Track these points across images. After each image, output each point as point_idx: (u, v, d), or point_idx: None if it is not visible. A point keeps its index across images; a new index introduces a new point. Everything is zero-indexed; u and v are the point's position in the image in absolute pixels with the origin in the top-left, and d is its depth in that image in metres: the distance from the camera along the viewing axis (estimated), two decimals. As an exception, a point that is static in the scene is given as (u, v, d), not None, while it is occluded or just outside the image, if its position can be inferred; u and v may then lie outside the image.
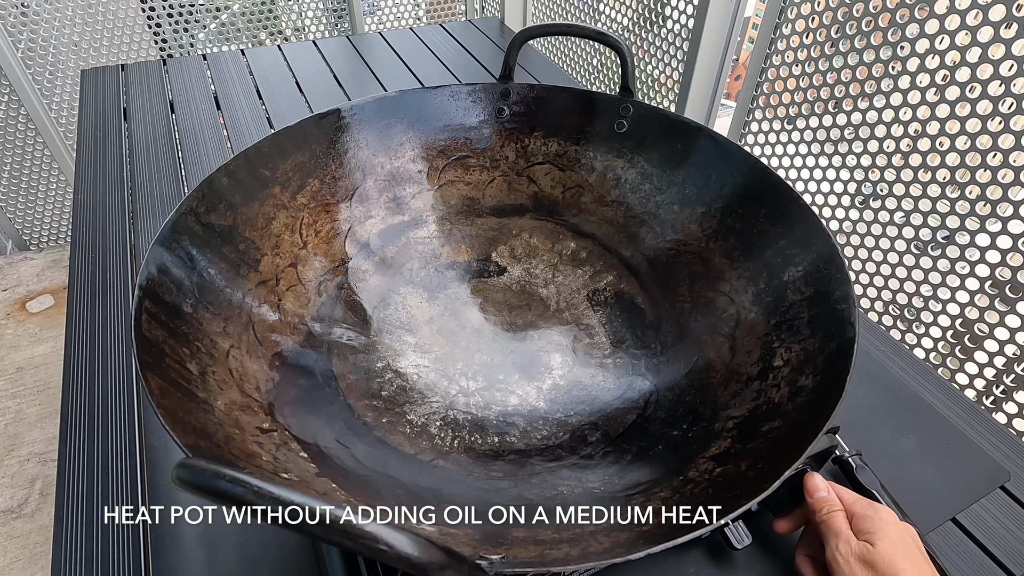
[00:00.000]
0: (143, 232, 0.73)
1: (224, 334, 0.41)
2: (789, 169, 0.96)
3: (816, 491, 0.38)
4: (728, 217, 0.51)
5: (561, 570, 0.31)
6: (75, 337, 0.60)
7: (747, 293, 0.47)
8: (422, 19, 1.83)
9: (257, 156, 0.49)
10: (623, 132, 0.57)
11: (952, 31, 0.69)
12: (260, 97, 1.03)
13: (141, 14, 1.50)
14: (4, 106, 1.45)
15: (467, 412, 0.46)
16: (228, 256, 0.44)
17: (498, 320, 0.54)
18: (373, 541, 0.18)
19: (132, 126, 0.94)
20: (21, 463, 1.20)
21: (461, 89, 0.58)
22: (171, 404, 0.31)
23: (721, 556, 0.43)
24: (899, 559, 0.33)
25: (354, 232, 0.55)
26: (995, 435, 0.52)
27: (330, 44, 1.22)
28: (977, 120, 0.69)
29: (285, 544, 0.43)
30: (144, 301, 0.35)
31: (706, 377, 0.46)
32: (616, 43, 0.54)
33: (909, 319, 0.82)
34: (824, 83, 0.86)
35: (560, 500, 0.38)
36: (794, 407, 0.37)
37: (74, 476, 0.48)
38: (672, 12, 1.07)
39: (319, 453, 0.38)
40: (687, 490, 0.36)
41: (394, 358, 0.49)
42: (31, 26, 1.40)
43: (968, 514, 0.46)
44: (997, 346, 0.72)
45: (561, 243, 0.59)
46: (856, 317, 0.38)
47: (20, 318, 1.51)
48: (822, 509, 0.37)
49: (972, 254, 0.73)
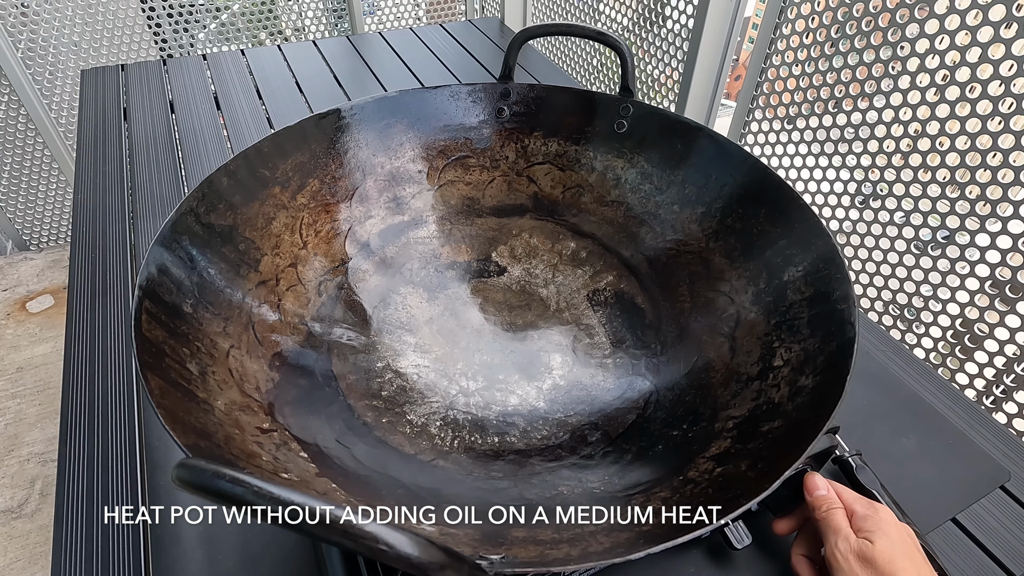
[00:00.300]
0: (143, 232, 0.73)
1: (224, 334, 0.41)
2: (789, 169, 0.96)
3: (816, 489, 0.38)
4: (728, 217, 0.51)
5: (561, 570, 0.31)
6: (75, 337, 0.60)
7: (747, 293, 0.47)
8: (422, 19, 1.83)
9: (257, 156, 0.49)
10: (623, 132, 0.57)
11: (952, 31, 0.69)
12: (260, 97, 1.03)
13: (141, 14, 1.50)
14: (4, 106, 1.45)
15: (467, 412, 0.46)
16: (228, 256, 0.44)
17: (498, 320, 0.54)
18: (373, 541, 0.18)
19: (132, 126, 0.94)
20: (21, 463, 1.20)
21: (461, 89, 0.58)
22: (171, 404, 0.31)
23: (721, 556, 0.43)
24: (899, 557, 0.33)
25: (354, 232, 0.55)
26: (995, 435, 0.52)
27: (330, 44, 1.22)
28: (977, 120, 0.69)
29: (285, 544, 0.43)
30: (144, 301, 0.35)
31: (706, 377, 0.46)
32: (616, 43, 0.54)
33: (909, 319, 0.82)
34: (824, 83, 0.86)
35: (560, 500, 0.38)
36: (794, 407, 0.37)
37: (74, 476, 0.48)
38: (672, 12, 1.07)
39: (319, 453, 0.38)
40: (687, 490, 0.36)
41: (394, 358, 0.49)
42: (31, 26, 1.40)
43: (968, 514, 0.46)
44: (997, 346, 0.72)
45: (561, 243, 0.59)
46: (856, 317, 0.38)
47: (20, 318, 1.51)
48: (822, 507, 0.37)
49: (972, 254, 0.73)
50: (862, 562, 0.34)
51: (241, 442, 0.34)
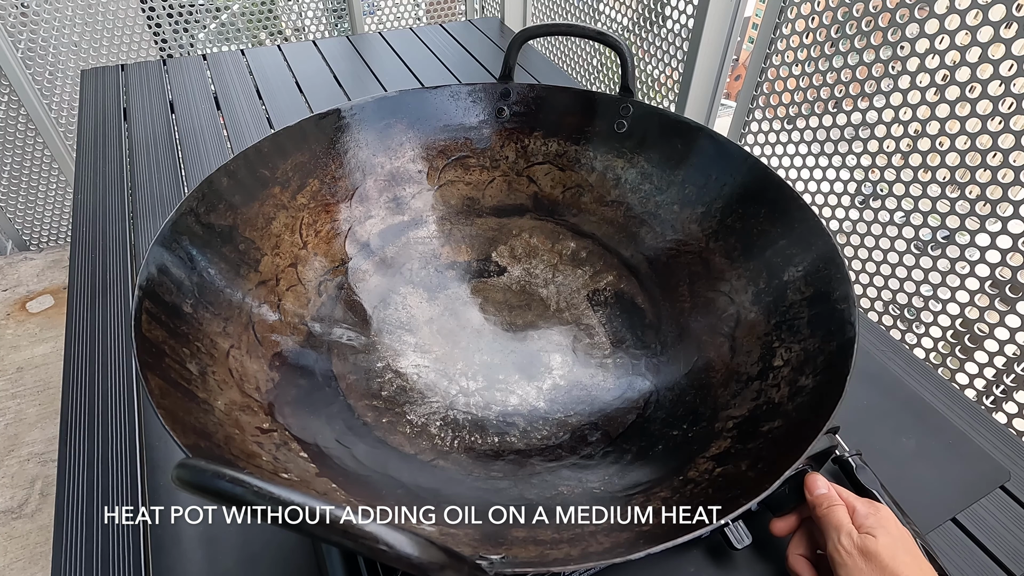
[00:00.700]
0: (143, 232, 0.73)
1: (224, 334, 0.41)
2: (789, 169, 0.96)
3: (817, 488, 0.38)
4: (728, 217, 0.51)
5: (561, 570, 0.31)
6: (75, 337, 0.60)
7: (747, 293, 0.47)
8: (422, 19, 1.83)
9: (257, 156, 0.49)
10: (623, 132, 0.57)
11: (952, 31, 0.69)
12: (260, 97, 1.03)
13: (141, 14, 1.50)
14: (4, 106, 1.45)
15: (467, 412, 0.46)
16: (228, 256, 0.44)
17: (498, 320, 0.54)
18: (373, 541, 0.18)
19: (132, 126, 0.94)
20: (21, 463, 1.20)
21: (461, 89, 0.58)
22: (171, 404, 0.31)
23: (721, 556, 0.43)
24: (901, 552, 0.34)
25: (354, 232, 0.55)
26: (995, 435, 0.52)
27: (330, 44, 1.22)
28: (977, 120, 0.69)
29: (285, 544, 0.43)
30: (144, 301, 0.35)
31: (706, 377, 0.46)
32: (616, 43, 0.54)
33: (909, 319, 0.82)
34: (824, 83, 0.86)
35: (560, 500, 0.38)
36: (794, 407, 0.37)
37: (74, 476, 0.48)
38: (672, 12, 1.07)
39: (319, 453, 0.38)
40: (687, 490, 0.36)
41: (394, 358, 0.49)
42: (31, 26, 1.40)
43: (968, 514, 0.46)
44: (997, 346, 0.72)
45: (561, 243, 0.59)
46: (856, 317, 0.38)
47: (20, 318, 1.51)
48: (823, 504, 0.37)
49: (972, 254, 0.73)
50: (865, 557, 0.34)
51: (241, 442, 0.34)
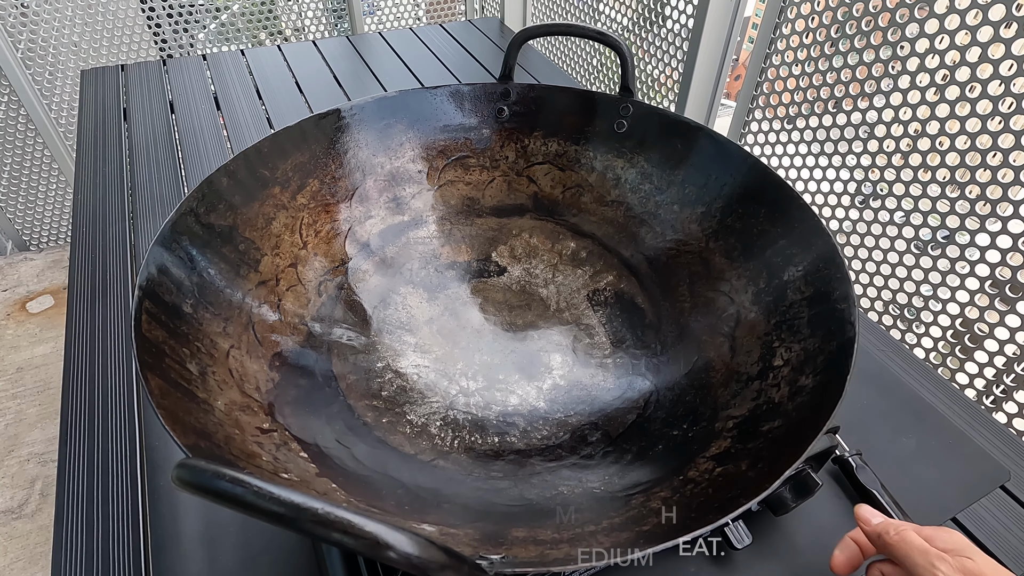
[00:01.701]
0: (143, 232, 0.73)
1: (224, 334, 0.41)
2: (789, 169, 0.96)
3: (873, 517, 0.36)
4: (728, 217, 0.51)
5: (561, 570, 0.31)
6: (75, 337, 0.60)
7: (747, 293, 0.47)
8: (422, 19, 1.83)
9: (257, 156, 0.49)
10: (623, 132, 0.57)
11: (952, 31, 0.69)
12: (260, 97, 1.03)
13: (141, 14, 1.50)
14: (4, 106, 1.45)
15: (467, 412, 0.46)
16: (228, 256, 0.44)
17: (498, 320, 0.54)
18: (373, 541, 0.18)
19: (132, 126, 0.94)
20: (21, 463, 1.20)
21: (461, 89, 0.58)
22: (171, 404, 0.31)
23: (721, 556, 0.43)
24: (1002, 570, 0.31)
25: (354, 232, 0.55)
26: (995, 435, 0.52)
27: (330, 44, 1.22)
28: (977, 120, 0.69)
29: (285, 544, 0.43)
30: (144, 301, 0.35)
31: (706, 377, 0.46)
32: (616, 43, 0.54)
33: (909, 319, 0.82)
34: (824, 83, 0.86)
35: (560, 500, 0.38)
36: (794, 407, 0.37)
37: (74, 476, 0.48)
38: (672, 12, 1.07)
39: (319, 453, 0.38)
40: (687, 490, 0.36)
41: (394, 358, 0.49)
42: (31, 26, 1.40)
43: (968, 514, 0.46)
44: (997, 346, 0.72)
45: (561, 243, 0.59)
46: (856, 317, 0.38)
47: (20, 318, 1.51)
48: (888, 531, 0.34)
49: (972, 254, 0.73)
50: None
51: (241, 442, 0.34)
